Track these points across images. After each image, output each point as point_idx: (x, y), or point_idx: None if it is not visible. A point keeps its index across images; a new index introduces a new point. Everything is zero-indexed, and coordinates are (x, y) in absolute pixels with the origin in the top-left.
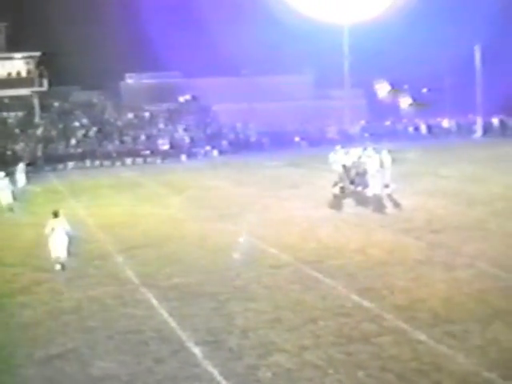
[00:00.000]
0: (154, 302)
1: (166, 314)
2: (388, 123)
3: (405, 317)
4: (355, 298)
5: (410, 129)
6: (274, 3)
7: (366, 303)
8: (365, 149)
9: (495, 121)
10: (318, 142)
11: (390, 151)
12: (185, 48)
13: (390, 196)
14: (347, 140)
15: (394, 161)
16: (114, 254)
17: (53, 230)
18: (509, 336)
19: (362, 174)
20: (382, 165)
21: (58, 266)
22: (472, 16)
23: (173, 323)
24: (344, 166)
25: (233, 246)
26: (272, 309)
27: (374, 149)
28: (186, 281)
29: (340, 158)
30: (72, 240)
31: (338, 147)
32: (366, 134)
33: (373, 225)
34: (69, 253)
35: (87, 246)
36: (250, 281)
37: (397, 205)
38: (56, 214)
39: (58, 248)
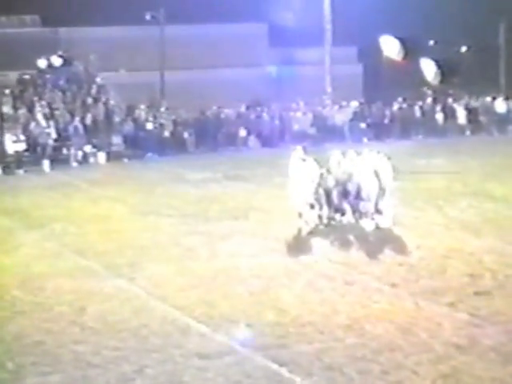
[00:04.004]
0: None
1: None
2: (398, 106)
3: None
4: None
5: (438, 115)
6: None
7: None
8: (358, 152)
9: None
10: (278, 138)
11: (388, 156)
12: None
13: (400, 232)
14: (328, 135)
15: (404, 172)
16: None
17: None
18: None
19: (355, 195)
20: (384, 179)
21: None
22: None
23: None
24: (321, 183)
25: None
26: None
27: (372, 151)
28: (50, 381)
29: (312, 167)
30: None
31: (298, 148)
32: (363, 125)
33: (375, 282)
34: None
35: None
36: (160, 380)
37: (415, 247)
38: None
39: None
